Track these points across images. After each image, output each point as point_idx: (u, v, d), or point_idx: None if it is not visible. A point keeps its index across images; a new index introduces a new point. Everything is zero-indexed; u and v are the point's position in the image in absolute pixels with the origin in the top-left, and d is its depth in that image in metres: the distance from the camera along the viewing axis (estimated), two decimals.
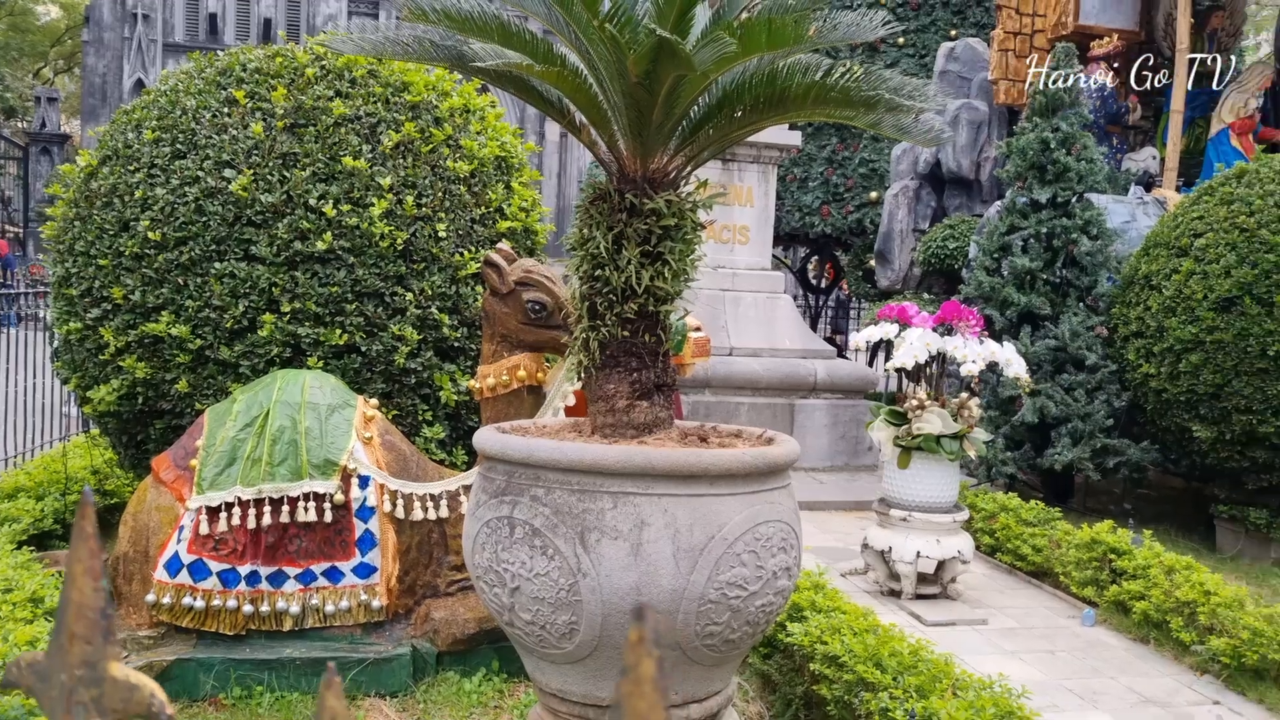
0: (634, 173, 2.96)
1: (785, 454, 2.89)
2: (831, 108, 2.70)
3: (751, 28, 2.57)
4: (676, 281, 2.97)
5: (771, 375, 8.86)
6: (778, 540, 2.82)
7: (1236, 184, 6.87)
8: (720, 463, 2.71)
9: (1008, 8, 10.30)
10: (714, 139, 2.94)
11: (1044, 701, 4.58)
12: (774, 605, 2.86)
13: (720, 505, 2.71)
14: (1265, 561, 6.87)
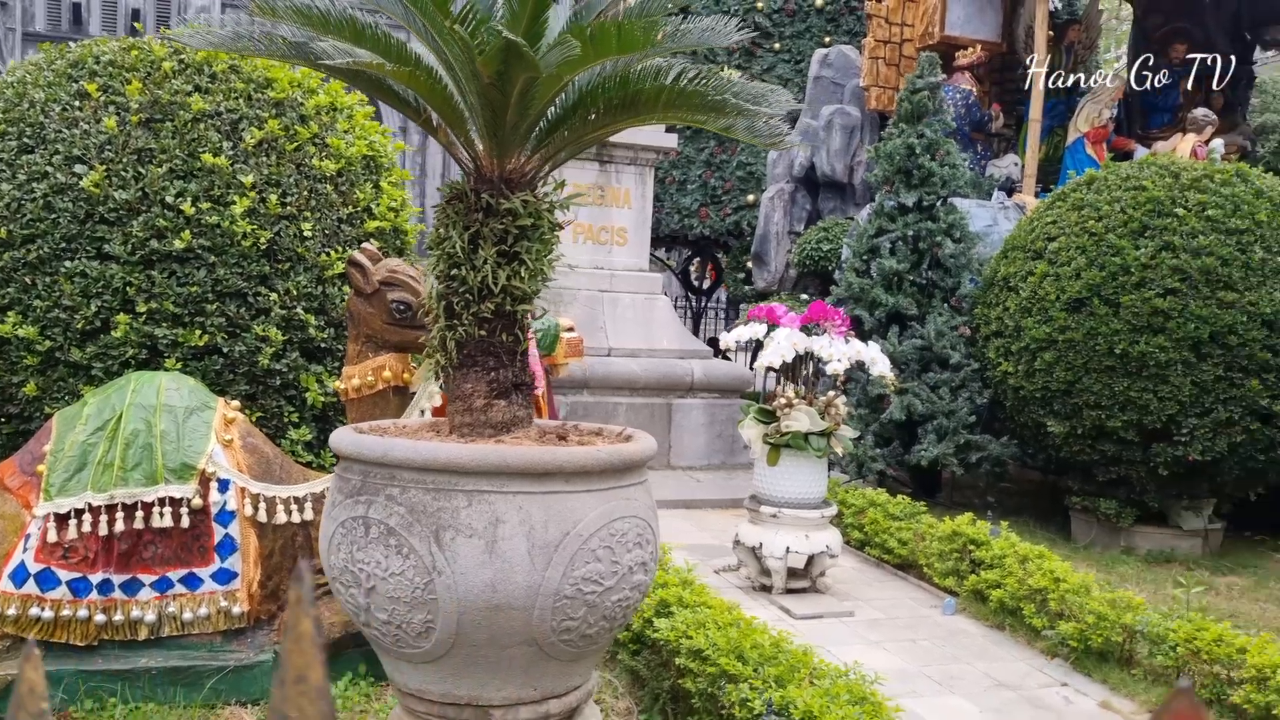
0: (491, 173, 2.97)
1: (641, 451, 2.93)
2: (683, 111, 2.75)
3: (602, 32, 2.60)
4: (533, 281, 2.98)
5: (649, 375, 8.94)
6: (633, 536, 2.87)
7: (1087, 190, 7.20)
8: (575, 460, 2.74)
9: (878, 17, 10.60)
10: (570, 140, 2.97)
11: (904, 688, 4.75)
12: (631, 600, 2.90)
13: (575, 502, 2.75)
14: (1115, 549, 7.22)
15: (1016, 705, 4.63)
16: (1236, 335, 6.39)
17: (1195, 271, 6.47)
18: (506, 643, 2.74)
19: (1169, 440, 6.66)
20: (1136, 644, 4.87)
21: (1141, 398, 6.59)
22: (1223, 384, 6.46)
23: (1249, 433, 6.51)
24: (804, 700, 3.34)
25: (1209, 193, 6.71)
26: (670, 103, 2.71)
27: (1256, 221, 6.56)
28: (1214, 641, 4.51)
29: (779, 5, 12.14)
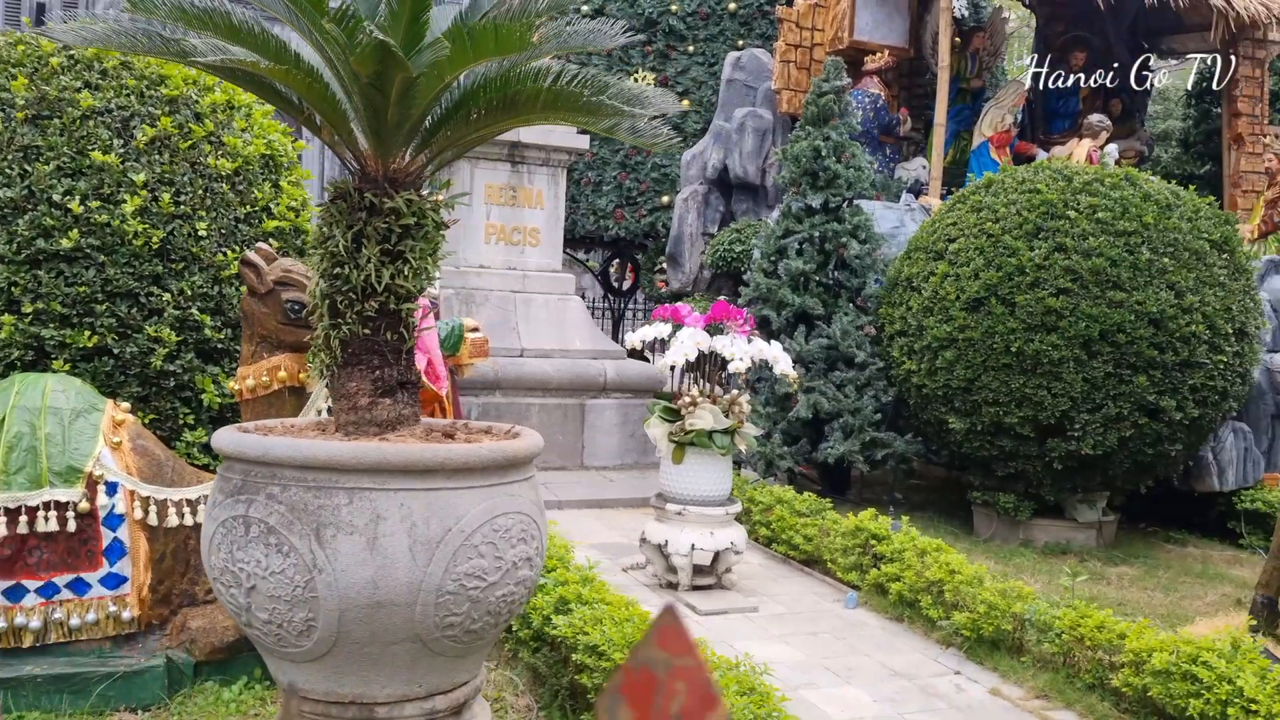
0: (375, 172, 2.98)
1: (525, 448, 2.96)
2: (561, 112, 2.79)
3: (480, 33, 2.63)
4: (417, 279, 2.99)
5: (562, 376, 8.96)
6: (517, 532, 2.89)
7: (985, 193, 7.40)
8: (456, 457, 2.76)
9: (789, 21, 10.75)
10: (454, 140, 2.99)
11: (803, 679, 4.84)
12: (516, 595, 2.93)
13: (457, 498, 2.77)
14: (1014, 542, 7.42)
15: (910, 694, 4.75)
16: (1125, 333, 6.62)
17: (1086, 272, 6.69)
18: (389, 639, 2.74)
19: (1063, 435, 6.86)
20: (1026, 632, 5.02)
21: (1036, 394, 6.79)
22: (1112, 380, 6.68)
23: (1137, 427, 6.75)
24: None
25: (1099, 196, 6.93)
26: (549, 104, 2.74)
27: (1144, 224, 6.80)
28: (1096, 628, 4.67)
29: (693, 8, 12.25)
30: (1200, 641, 4.29)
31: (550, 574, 4.73)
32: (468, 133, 2.95)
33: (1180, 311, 6.66)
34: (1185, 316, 6.66)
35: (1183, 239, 6.83)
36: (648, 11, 12.27)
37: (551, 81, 2.73)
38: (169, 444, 4.68)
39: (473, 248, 9.29)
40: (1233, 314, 6.84)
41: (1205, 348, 6.71)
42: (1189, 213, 6.98)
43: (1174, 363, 6.68)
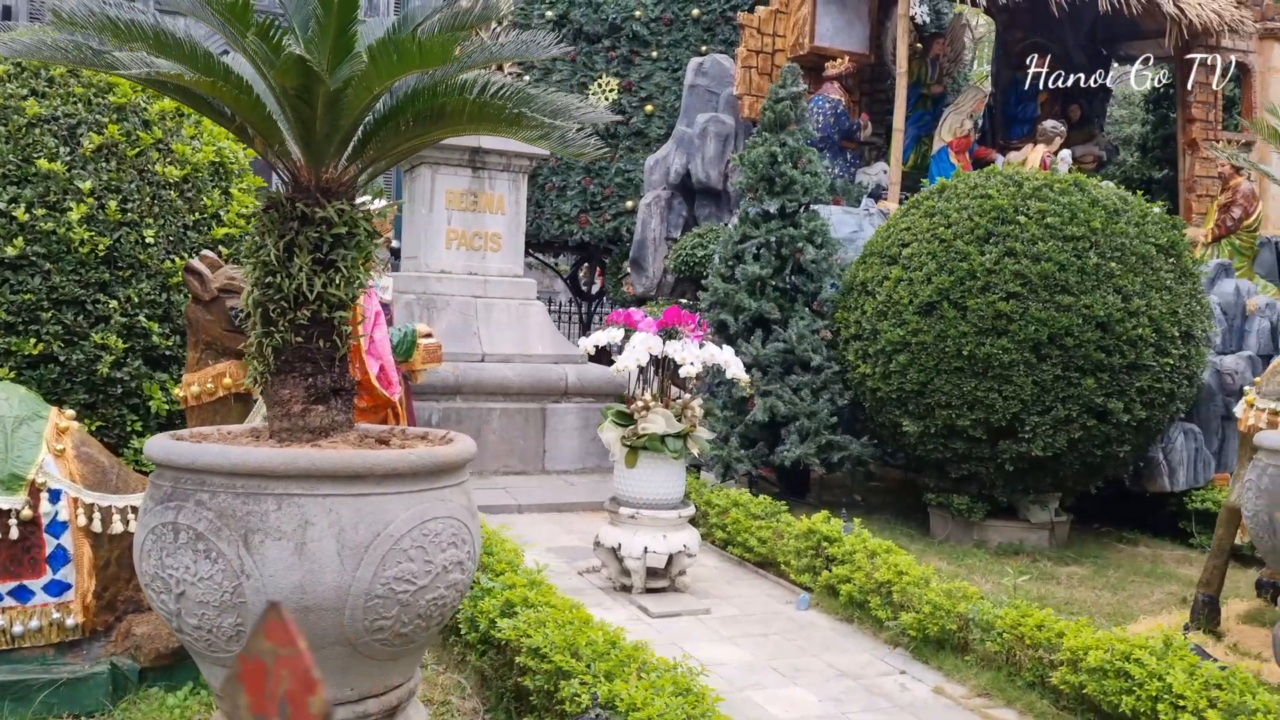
0: (308, 182, 3.01)
1: (455, 453, 3.01)
2: (487, 123, 2.84)
3: (404, 46, 2.67)
4: (349, 288, 3.03)
5: (523, 381, 8.99)
6: (448, 536, 2.94)
7: (938, 198, 7.49)
8: (384, 462, 2.80)
9: (750, 27, 10.83)
10: (385, 150, 3.03)
11: (750, 680, 4.90)
12: (447, 599, 2.97)
13: (386, 503, 2.80)
14: (968, 543, 7.51)
15: (855, 693, 4.82)
16: (1073, 337, 6.72)
17: (1035, 276, 6.79)
18: (319, 644, 2.78)
19: (1014, 437, 6.96)
20: (970, 632, 5.09)
21: (988, 397, 6.88)
22: (1061, 383, 6.78)
23: (1086, 429, 6.85)
24: (629, 693, 3.45)
25: (1048, 201, 7.04)
26: (474, 115, 2.79)
27: (1091, 229, 6.90)
28: (1036, 627, 4.75)
29: (656, 14, 12.32)
30: (1134, 640, 4.38)
31: (499, 578, 4.77)
32: (398, 143, 2.99)
33: (1127, 315, 6.77)
34: (1132, 320, 6.77)
35: (1129, 244, 6.94)
36: (611, 17, 12.33)
37: (477, 93, 2.77)
38: (116, 451, 4.69)
39: (434, 253, 9.31)
40: (1179, 317, 6.95)
41: (1152, 350, 6.82)
42: (1136, 218, 7.10)
43: (1121, 365, 6.79)
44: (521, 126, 2.80)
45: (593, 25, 12.46)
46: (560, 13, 12.64)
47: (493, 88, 2.79)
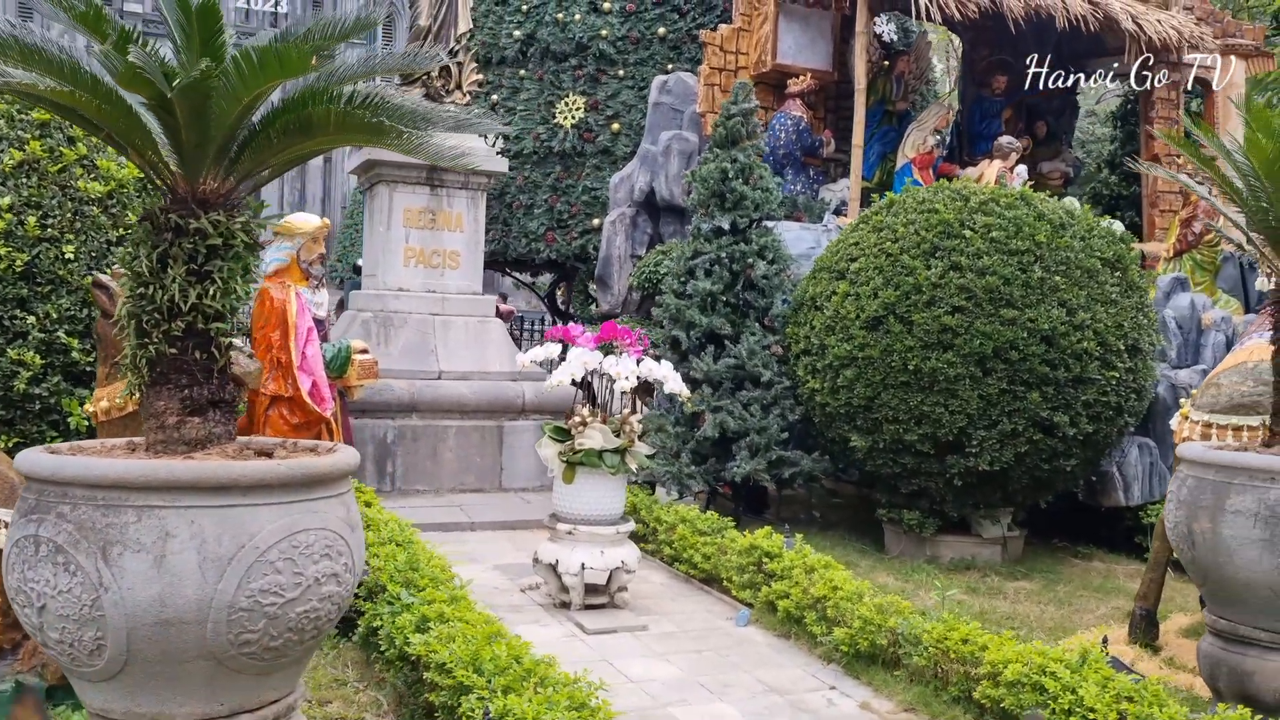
0: (185, 193, 3.00)
1: (330, 465, 2.98)
2: (352, 134, 2.83)
3: (265, 56, 2.67)
4: (226, 299, 3.01)
5: (480, 398, 8.97)
6: (320, 548, 2.91)
7: (886, 213, 7.50)
8: (250, 474, 2.78)
9: (713, 45, 10.86)
10: (261, 162, 3.02)
11: (676, 696, 4.86)
12: (321, 611, 2.94)
13: (252, 515, 2.78)
14: (920, 559, 7.47)
15: (780, 710, 4.78)
16: (1018, 350, 6.71)
17: (980, 290, 6.78)
18: (182, 658, 2.75)
19: (961, 452, 6.94)
20: (901, 647, 5.05)
21: (934, 411, 6.86)
22: (1007, 397, 6.77)
23: (1032, 443, 6.83)
24: (522, 708, 3.42)
25: (994, 215, 7.04)
26: (340, 125, 2.78)
27: (1036, 243, 6.90)
28: (961, 641, 4.72)
29: (623, 33, 12.36)
30: (1051, 653, 4.35)
31: (420, 593, 4.74)
32: (271, 155, 2.98)
33: (1072, 328, 6.76)
34: (1076, 333, 6.76)
35: (1075, 257, 6.94)
36: (578, 36, 12.37)
37: (343, 104, 2.77)
38: None
39: (392, 271, 9.31)
40: (1124, 330, 6.94)
41: (1097, 364, 6.81)
42: (1082, 232, 7.10)
43: (1066, 379, 6.77)
44: (383, 136, 2.79)
45: (560, 44, 12.49)
46: (527, 32, 12.68)
47: (358, 98, 2.78)
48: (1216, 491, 4.28)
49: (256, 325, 5.65)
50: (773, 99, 10.97)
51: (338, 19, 2.85)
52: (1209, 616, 4.54)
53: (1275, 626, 4.22)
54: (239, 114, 2.88)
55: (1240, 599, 4.29)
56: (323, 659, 5.05)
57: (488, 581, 6.76)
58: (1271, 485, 4.13)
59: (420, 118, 2.77)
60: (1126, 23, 10.04)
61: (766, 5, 10.74)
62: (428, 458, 8.84)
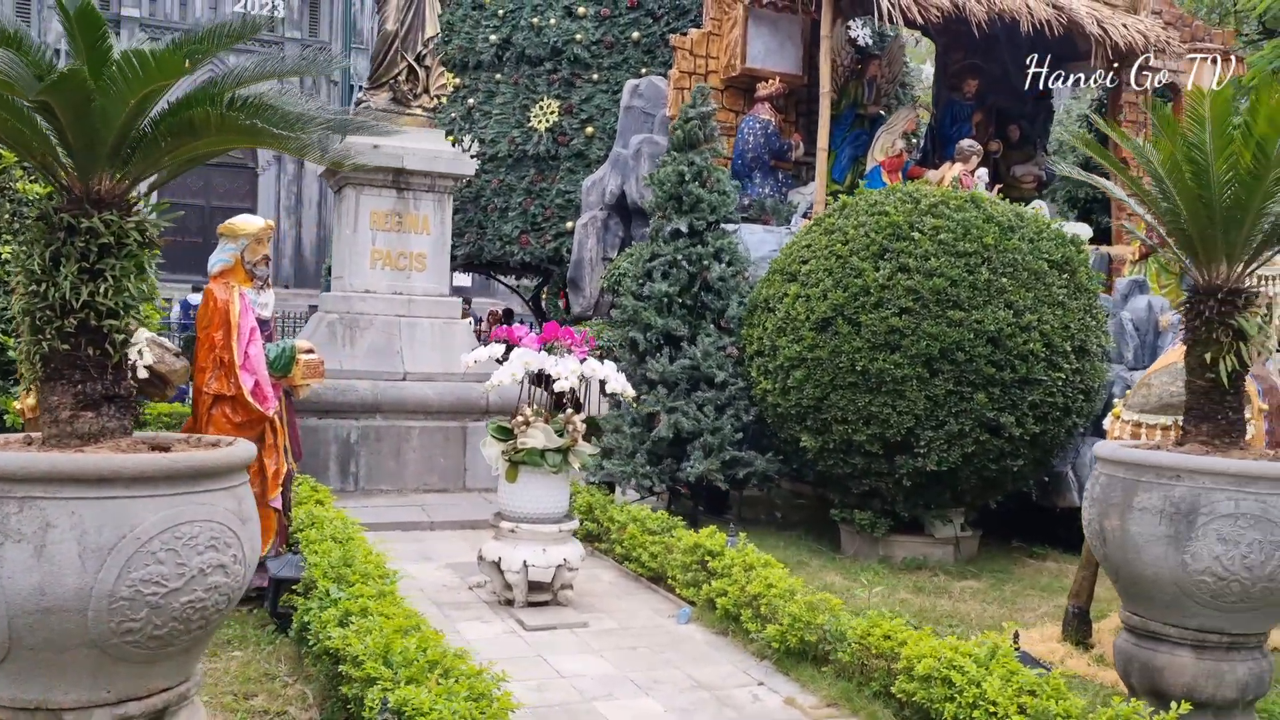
0: (80, 193, 3.08)
1: (216, 458, 3.05)
2: (231, 135, 2.91)
3: (144, 59, 2.74)
4: (119, 297, 3.08)
5: (443, 400, 9.04)
6: (205, 539, 2.97)
7: (838, 216, 7.57)
8: (132, 466, 2.85)
9: (682, 49, 10.94)
10: (153, 162, 3.09)
11: (603, 691, 4.94)
12: (208, 601, 3.00)
13: (135, 506, 2.85)
14: (874, 559, 7.53)
15: (705, 705, 4.84)
16: (964, 352, 6.76)
17: (927, 292, 6.84)
18: (65, 645, 2.82)
19: (910, 452, 7.00)
20: (831, 643, 5.11)
21: (882, 412, 6.92)
22: (954, 398, 6.82)
23: (979, 443, 6.88)
24: (420, 699, 3.48)
25: (943, 217, 7.10)
26: (220, 127, 2.85)
27: (984, 245, 6.96)
28: (883, 637, 4.78)
29: (597, 37, 12.45)
30: (962, 648, 4.41)
31: (349, 589, 4.81)
32: (162, 155, 3.06)
33: (1018, 330, 6.82)
34: (1023, 335, 6.82)
35: (1022, 259, 7.00)
36: (553, 41, 12.46)
37: (224, 107, 2.84)
38: None
39: (359, 273, 9.39)
40: (1071, 332, 7.00)
41: (1043, 365, 6.86)
42: (1031, 234, 7.16)
43: (1012, 380, 6.83)
44: (260, 137, 2.86)
45: (535, 49, 12.58)
46: (503, 36, 12.78)
47: (238, 101, 2.86)
48: (1126, 489, 4.33)
49: (201, 325, 5.72)
50: (743, 103, 11.05)
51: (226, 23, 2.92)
52: (1123, 613, 4.59)
53: (1182, 622, 4.27)
54: (128, 115, 2.95)
55: (1149, 595, 4.34)
56: (258, 653, 5.13)
57: (438, 579, 6.83)
58: (1177, 483, 4.18)
59: (296, 119, 2.84)
60: (1091, 27, 10.10)
61: (736, 10, 10.82)
62: (391, 458, 8.91)
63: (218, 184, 41.46)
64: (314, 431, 8.64)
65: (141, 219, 3.15)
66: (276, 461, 5.86)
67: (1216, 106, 4.09)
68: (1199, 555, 4.12)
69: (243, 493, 3.20)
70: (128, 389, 3.23)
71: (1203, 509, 4.12)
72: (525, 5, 12.68)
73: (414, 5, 9.51)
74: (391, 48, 9.52)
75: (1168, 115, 4.29)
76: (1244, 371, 4.39)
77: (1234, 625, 4.23)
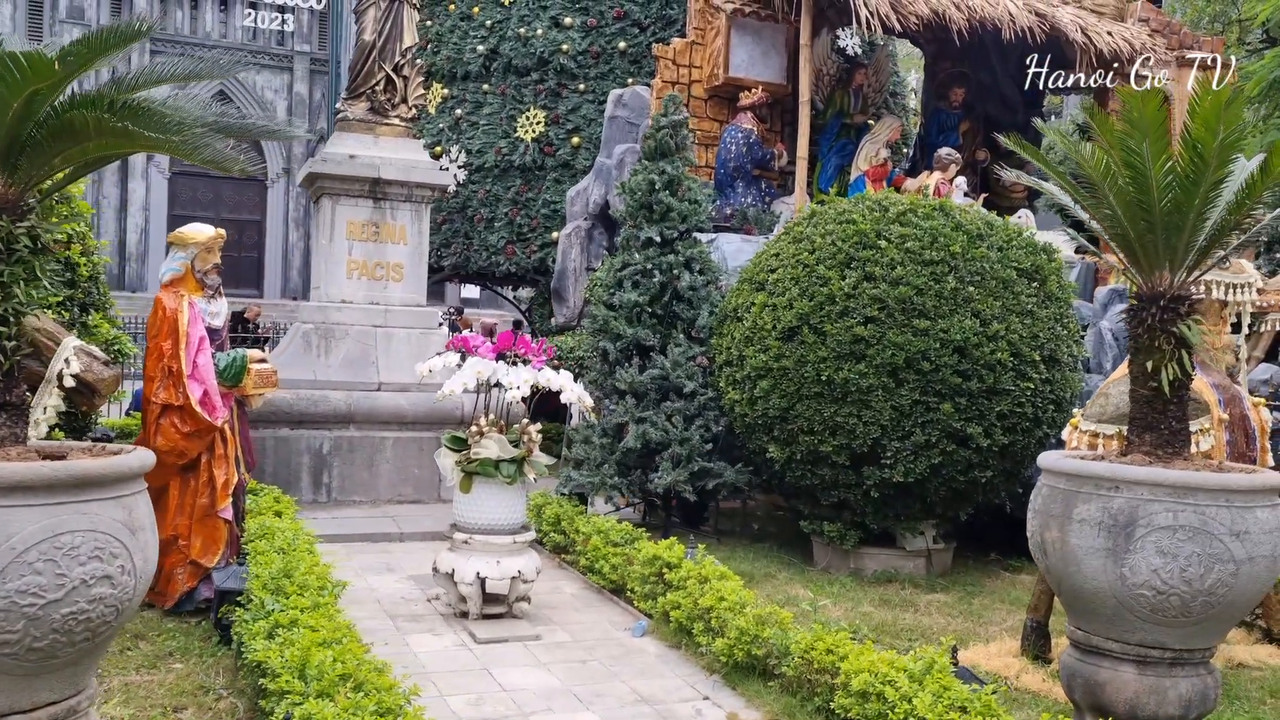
0: None
1: (101, 467, 3.00)
2: (109, 139, 2.86)
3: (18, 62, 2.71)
4: (7, 304, 3.05)
5: (418, 410, 8.99)
6: (88, 550, 2.92)
7: (807, 224, 7.49)
8: (8, 475, 2.80)
9: (665, 59, 10.91)
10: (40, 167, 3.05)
11: (541, 705, 4.86)
12: (91, 613, 2.95)
13: (10, 515, 2.80)
14: (844, 572, 7.43)
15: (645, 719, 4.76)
16: (930, 361, 6.68)
17: (893, 301, 6.76)
18: None
19: (876, 463, 6.90)
20: (777, 658, 5.03)
21: (848, 422, 6.83)
22: (920, 408, 6.73)
23: (946, 454, 6.78)
24: (324, 713, 3.42)
25: (911, 226, 7.02)
26: (99, 130, 2.81)
27: (951, 253, 6.88)
28: (825, 652, 4.69)
29: (584, 47, 12.43)
30: (898, 662, 4.33)
31: (286, 600, 4.76)
32: (49, 159, 3.02)
33: (985, 339, 6.73)
34: (990, 344, 6.73)
35: (991, 268, 6.91)
36: (540, 51, 12.45)
37: (103, 111, 2.80)
38: None
39: (335, 283, 9.36)
40: (1040, 341, 6.90)
41: (1011, 375, 6.77)
42: (1000, 242, 7.07)
43: (979, 390, 6.73)
44: (136, 140, 2.82)
45: (522, 59, 12.57)
46: (491, 46, 12.77)
47: (118, 105, 2.82)
48: (1066, 500, 4.24)
49: (150, 333, 5.70)
50: (727, 113, 11.01)
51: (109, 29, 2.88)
52: (1068, 627, 4.50)
53: (1124, 637, 4.17)
54: (12, 119, 2.91)
55: (1091, 609, 4.24)
56: (199, 666, 5.08)
57: (397, 591, 6.78)
58: (1115, 494, 4.09)
59: (176, 124, 2.80)
60: (1075, 35, 10.02)
61: (719, 19, 10.78)
62: (364, 469, 8.87)
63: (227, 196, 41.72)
64: (286, 442, 8.61)
65: (33, 225, 3.11)
66: (226, 471, 5.82)
67: (1150, 109, 4.01)
68: (1137, 568, 4.02)
69: (134, 502, 3.15)
70: (20, 397, 3.19)
71: (1140, 521, 4.03)
72: (512, 16, 12.69)
73: (392, 15, 9.50)
74: (369, 58, 9.52)
75: (1103, 117, 4.21)
76: (1187, 380, 4.29)
77: (1176, 640, 4.13)
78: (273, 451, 8.54)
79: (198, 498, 5.74)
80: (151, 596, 5.78)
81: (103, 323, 5.66)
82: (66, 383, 4.32)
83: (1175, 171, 4.13)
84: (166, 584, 5.74)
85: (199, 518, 5.75)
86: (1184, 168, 4.10)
